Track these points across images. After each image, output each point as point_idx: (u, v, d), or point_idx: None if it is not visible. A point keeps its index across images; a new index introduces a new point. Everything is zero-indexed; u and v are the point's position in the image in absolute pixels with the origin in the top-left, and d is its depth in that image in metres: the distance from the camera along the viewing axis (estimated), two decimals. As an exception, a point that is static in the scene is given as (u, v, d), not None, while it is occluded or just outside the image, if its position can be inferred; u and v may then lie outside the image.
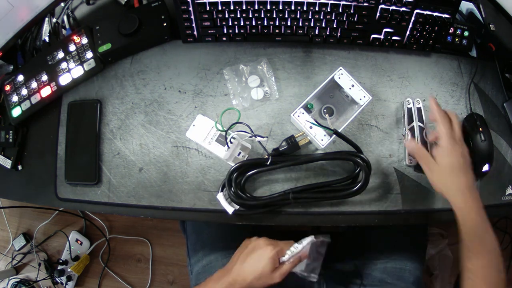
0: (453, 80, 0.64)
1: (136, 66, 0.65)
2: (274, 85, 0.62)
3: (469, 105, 0.62)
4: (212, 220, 0.61)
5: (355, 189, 0.55)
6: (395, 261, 0.72)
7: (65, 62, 0.65)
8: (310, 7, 0.59)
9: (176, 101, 0.63)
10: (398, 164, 0.60)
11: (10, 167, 0.66)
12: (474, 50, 0.66)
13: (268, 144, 0.60)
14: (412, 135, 0.59)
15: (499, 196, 0.60)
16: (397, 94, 0.62)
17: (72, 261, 1.33)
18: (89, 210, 0.65)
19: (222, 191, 0.58)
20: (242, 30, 0.62)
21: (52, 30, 0.71)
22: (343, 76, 0.57)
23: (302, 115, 0.57)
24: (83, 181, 0.63)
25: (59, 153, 0.64)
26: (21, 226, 1.46)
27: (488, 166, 0.58)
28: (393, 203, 0.59)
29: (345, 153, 0.57)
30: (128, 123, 0.63)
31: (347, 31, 0.61)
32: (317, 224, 0.60)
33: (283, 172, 0.60)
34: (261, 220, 0.59)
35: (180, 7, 0.60)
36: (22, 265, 1.41)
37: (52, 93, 0.64)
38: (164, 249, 1.39)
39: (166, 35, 0.64)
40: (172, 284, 1.37)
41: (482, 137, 0.58)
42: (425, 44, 0.62)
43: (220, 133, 0.60)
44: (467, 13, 0.69)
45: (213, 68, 0.64)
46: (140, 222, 1.41)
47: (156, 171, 0.62)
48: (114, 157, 0.63)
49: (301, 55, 0.64)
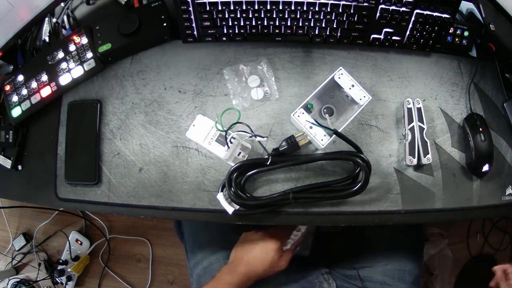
0: (453, 80, 0.64)
1: (136, 66, 0.65)
2: (274, 85, 0.62)
3: (469, 105, 0.62)
4: (212, 220, 0.61)
5: (355, 189, 0.55)
6: (396, 263, 0.72)
7: (65, 62, 0.65)
8: (310, 7, 0.59)
9: (176, 101, 0.63)
10: (398, 164, 0.60)
11: (10, 167, 0.66)
12: (474, 50, 0.66)
13: (268, 144, 0.60)
14: (412, 135, 0.59)
15: (499, 196, 0.60)
16: (397, 94, 0.62)
17: (72, 261, 1.33)
18: (89, 210, 0.65)
19: (222, 191, 0.58)
20: (242, 30, 0.62)
21: (52, 30, 0.71)
22: (343, 76, 0.57)
23: (302, 115, 0.57)
24: (83, 181, 0.63)
25: (59, 153, 0.64)
26: (21, 226, 1.46)
27: (488, 166, 0.58)
28: (393, 203, 0.59)
29: (345, 153, 0.57)
30: (128, 123, 0.63)
31: (347, 31, 0.61)
32: (317, 224, 0.61)
33: (283, 172, 0.60)
34: (261, 220, 0.59)
35: (180, 7, 0.60)
36: (22, 265, 1.41)
37: (52, 93, 0.64)
38: (164, 249, 1.39)
39: (166, 35, 0.64)
40: (172, 284, 1.37)
41: (482, 137, 0.58)
42: (425, 44, 0.62)
43: (220, 133, 0.60)
44: (467, 13, 0.69)
45: (213, 68, 0.64)
46: (140, 222, 1.41)
47: (156, 171, 0.62)
48: (114, 157, 0.63)
49: (301, 55, 0.64)
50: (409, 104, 0.60)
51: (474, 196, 0.60)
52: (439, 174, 0.60)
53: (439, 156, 0.60)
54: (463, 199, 0.60)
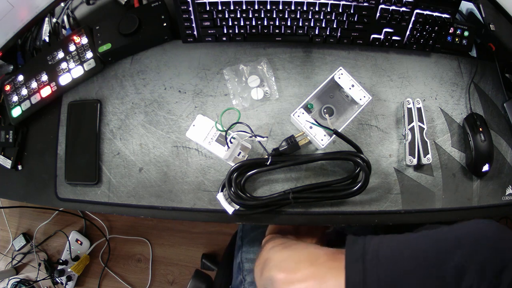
0: (453, 80, 0.64)
1: (136, 66, 0.65)
2: (274, 85, 0.62)
3: (469, 105, 0.62)
4: (212, 220, 0.61)
5: (355, 189, 0.55)
6: None
7: (65, 62, 0.65)
8: (310, 7, 0.59)
9: (176, 101, 0.63)
10: (398, 164, 0.60)
11: (10, 167, 0.66)
12: (474, 50, 0.66)
13: (268, 144, 0.60)
14: (412, 135, 0.59)
15: (499, 196, 0.60)
16: (397, 94, 0.62)
17: (72, 261, 1.33)
18: (89, 210, 0.64)
19: (222, 191, 0.58)
20: (242, 30, 0.62)
21: (52, 30, 0.71)
22: (343, 76, 0.57)
23: (302, 115, 0.57)
24: (83, 181, 0.63)
25: (59, 153, 0.64)
26: (21, 226, 1.46)
27: (488, 166, 0.58)
28: (393, 203, 0.59)
29: (345, 153, 0.57)
30: (128, 123, 0.63)
31: (347, 31, 0.61)
32: (317, 224, 0.61)
33: (283, 172, 0.60)
34: (261, 220, 0.59)
35: (180, 7, 0.60)
36: (22, 265, 1.41)
37: (52, 93, 0.64)
38: (164, 249, 1.39)
39: (166, 35, 0.64)
40: (172, 284, 1.37)
41: (482, 137, 0.58)
42: (425, 44, 0.63)
43: (220, 133, 0.59)
44: (467, 13, 0.69)
45: (213, 68, 0.64)
46: (140, 222, 1.41)
47: (156, 171, 0.62)
48: (114, 157, 0.63)
49: (301, 55, 0.64)
50: (409, 104, 0.60)
51: (474, 196, 0.60)
52: (439, 174, 0.60)
53: (439, 156, 0.60)
54: (463, 199, 0.60)
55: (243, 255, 0.74)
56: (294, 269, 0.41)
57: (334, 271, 0.37)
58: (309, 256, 0.42)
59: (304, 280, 0.39)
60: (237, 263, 0.74)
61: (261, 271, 0.45)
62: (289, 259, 0.43)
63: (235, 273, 0.76)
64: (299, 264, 0.41)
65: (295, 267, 0.41)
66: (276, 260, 0.44)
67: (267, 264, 0.44)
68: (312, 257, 0.41)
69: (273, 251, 0.46)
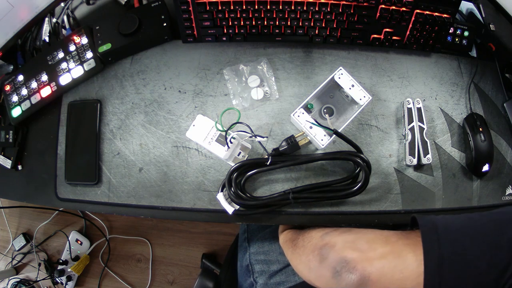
0: (453, 80, 0.64)
1: (136, 66, 0.65)
2: (274, 85, 0.62)
3: (469, 105, 0.62)
4: (212, 220, 0.61)
5: (355, 189, 0.55)
6: None
7: (65, 62, 0.65)
8: (310, 7, 0.59)
9: (176, 101, 0.63)
10: (398, 164, 0.60)
11: (10, 167, 0.66)
12: (474, 50, 0.66)
13: (268, 144, 0.60)
14: (412, 135, 0.59)
15: (499, 196, 0.60)
16: (397, 94, 0.62)
17: (72, 261, 1.33)
18: (89, 210, 0.64)
19: (222, 191, 0.58)
20: (242, 30, 0.62)
21: (52, 30, 0.71)
22: (343, 76, 0.57)
23: (302, 115, 0.57)
24: (83, 181, 0.63)
25: (59, 153, 0.64)
26: (21, 226, 1.46)
27: (488, 166, 0.58)
28: (393, 203, 0.59)
29: (345, 153, 0.57)
30: (128, 123, 0.63)
31: (347, 31, 0.61)
32: (317, 224, 0.61)
33: (283, 172, 0.60)
34: (261, 220, 0.59)
35: (180, 7, 0.60)
36: (22, 265, 1.41)
37: (52, 93, 0.64)
38: (164, 249, 1.39)
39: (166, 35, 0.64)
40: (172, 284, 1.37)
41: (482, 137, 0.58)
42: (425, 44, 0.62)
43: (220, 133, 0.59)
44: (467, 13, 0.69)
45: (213, 68, 0.64)
46: (140, 222, 1.41)
47: (156, 171, 0.62)
48: (114, 157, 0.63)
49: (301, 55, 0.64)
50: (409, 104, 0.60)
51: (474, 196, 0.60)
52: (439, 174, 0.60)
53: (439, 156, 0.60)
54: (463, 199, 0.60)
55: (251, 257, 0.73)
56: (369, 248, 0.42)
57: (409, 247, 0.39)
58: (379, 236, 0.43)
59: (384, 257, 0.39)
60: (245, 266, 0.73)
61: (323, 257, 0.44)
62: (359, 240, 0.44)
63: (241, 276, 0.74)
64: (373, 244, 0.42)
65: (370, 247, 0.42)
66: (343, 241, 0.44)
67: (331, 247, 0.44)
68: (382, 237, 0.43)
69: (330, 236, 0.47)
